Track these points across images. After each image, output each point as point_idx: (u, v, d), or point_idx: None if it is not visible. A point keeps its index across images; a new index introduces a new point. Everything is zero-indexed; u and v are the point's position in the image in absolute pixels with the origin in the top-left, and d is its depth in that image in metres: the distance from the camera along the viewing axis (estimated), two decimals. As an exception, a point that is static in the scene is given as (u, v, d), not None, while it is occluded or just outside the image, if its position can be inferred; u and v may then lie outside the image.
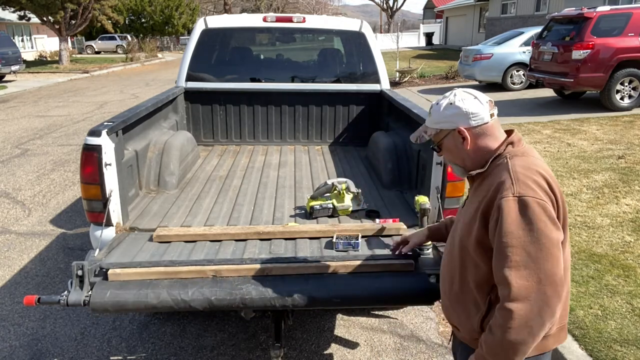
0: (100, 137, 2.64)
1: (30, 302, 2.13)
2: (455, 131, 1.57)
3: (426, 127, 1.65)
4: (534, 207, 1.38)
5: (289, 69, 5.02)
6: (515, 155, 1.51)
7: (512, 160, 1.49)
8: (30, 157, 7.88)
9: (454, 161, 1.64)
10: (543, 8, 21.30)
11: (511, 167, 1.47)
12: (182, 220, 2.94)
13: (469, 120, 1.54)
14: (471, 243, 1.51)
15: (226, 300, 2.12)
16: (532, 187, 1.41)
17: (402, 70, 16.85)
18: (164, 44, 46.43)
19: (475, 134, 1.56)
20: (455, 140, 1.58)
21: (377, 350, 3.10)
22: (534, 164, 1.48)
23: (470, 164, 1.59)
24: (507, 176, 1.44)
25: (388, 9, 49.52)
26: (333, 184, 3.02)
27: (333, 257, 2.37)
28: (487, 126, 1.56)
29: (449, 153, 1.63)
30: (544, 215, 1.38)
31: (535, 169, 1.46)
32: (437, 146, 1.66)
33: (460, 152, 1.59)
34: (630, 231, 4.40)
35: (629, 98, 9.66)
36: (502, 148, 1.54)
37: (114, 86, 17.98)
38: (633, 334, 3.00)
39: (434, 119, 1.61)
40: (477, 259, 1.51)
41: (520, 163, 1.47)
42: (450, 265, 1.65)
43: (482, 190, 1.52)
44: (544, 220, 1.38)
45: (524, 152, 1.53)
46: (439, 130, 1.60)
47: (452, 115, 1.56)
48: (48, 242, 4.78)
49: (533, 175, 1.43)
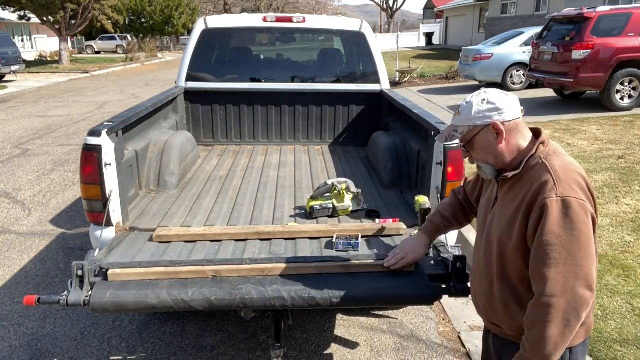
0: (100, 137, 2.64)
1: (30, 302, 2.13)
2: (489, 126, 1.57)
3: (456, 126, 1.64)
4: (576, 207, 1.42)
5: (289, 69, 5.02)
6: (549, 155, 1.54)
7: (549, 161, 1.52)
8: (30, 157, 7.88)
9: (486, 160, 1.63)
10: (543, 8, 21.29)
11: (551, 167, 1.49)
12: (182, 220, 2.94)
13: (503, 115, 1.56)
14: (512, 243, 1.54)
15: (226, 300, 2.12)
16: (573, 188, 1.45)
17: (402, 70, 16.85)
18: (164, 44, 46.43)
19: (509, 129, 1.57)
20: (489, 135, 1.59)
21: (377, 350, 3.10)
22: (571, 163, 1.52)
23: (502, 162, 1.60)
24: (548, 177, 1.47)
25: (388, 9, 49.52)
26: (333, 184, 3.02)
27: (333, 257, 2.37)
28: (519, 122, 1.59)
29: (482, 151, 1.62)
30: (585, 215, 1.43)
31: (574, 169, 1.50)
32: (469, 144, 1.65)
33: (494, 149, 1.59)
34: (630, 231, 4.39)
35: (629, 98, 9.65)
36: (535, 148, 1.56)
37: (114, 86, 17.98)
38: (633, 334, 3.00)
39: (466, 116, 1.61)
40: (518, 259, 1.54)
41: (558, 163, 1.50)
42: (487, 268, 1.67)
43: (519, 191, 1.54)
44: (584, 220, 1.43)
45: (555, 152, 1.56)
46: (473, 126, 1.60)
47: (487, 110, 1.57)
48: (48, 242, 4.78)
49: (573, 175, 1.48)
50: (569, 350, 1.57)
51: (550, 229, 1.43)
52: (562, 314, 1.41)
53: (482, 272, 1.70)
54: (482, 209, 1.78)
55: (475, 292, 1.79)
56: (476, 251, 1.79)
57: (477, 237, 1.81)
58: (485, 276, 1.68)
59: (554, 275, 1.42)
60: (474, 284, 1.81)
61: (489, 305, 1.69)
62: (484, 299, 1.72)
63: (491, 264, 1.64)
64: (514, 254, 1.55)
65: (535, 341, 1.46)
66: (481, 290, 1.73)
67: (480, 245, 1.73)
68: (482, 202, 1.81)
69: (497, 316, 1.67)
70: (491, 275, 1.65)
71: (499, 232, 1.59)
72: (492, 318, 1.71)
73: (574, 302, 1.41)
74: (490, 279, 1.66)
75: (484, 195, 1.81)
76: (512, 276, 1.58)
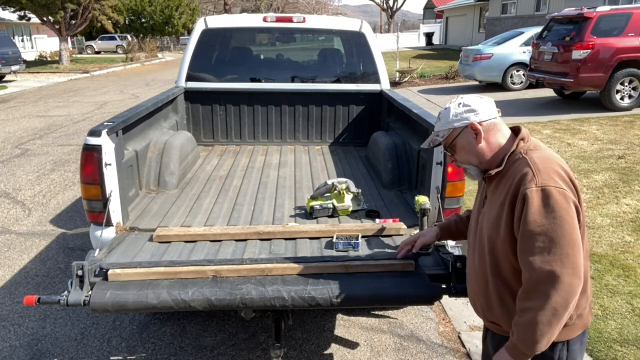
0: (100, 137, 2.64)
1: (30, 302, 2.13)
2: (467, 127, 1.64)
3: (437, 131, 1.72)
4: (556, 196, 1.45)
5: (289, 69, 5.02)
6: (529, 149, 1.59)
7: (529, 155, 1.56)
8: (30, 157, 7.88)
9: (469, 160, 1.69)
10: (543, 8, 21.29)
11: (530, 160, 1.54)
12: (182, 220, 2.94)
13: (479, 115, 1.63)
14: (500, 238, 1.57)
15: (226, 300, 2.12)
16: (552, 177, 1.48)
17: (402, 70, 16.84)
18: (164, 44, 46.43)
19: (487, 129, 1.64)
20: (468, 136, 1.66)
21: (377, 350, 3.10)
22: (550, 155, 1.57)
23: (486, 162, 1.66)
24: (528, 169, 1.51)
25: (388, 9, 49.51)
26: (333, 184, 3.02)
27: (333, 257, 2.37)
28: (497, 121, 1.65)
29: (464, 152, 1.69)
30: (566, 202, 1.45)
31: (553, 160, 1.55)
32: (451, 147, 1.72)
33: (474, 149, 1.65)
34: (630, 231, 4.39)
35: (629, 98, 9.66)
36: (515, 145, 1.61)
37: (114, 86, 17.98)
38: (633, 334, 3.00)
39: (445, 121, 1.69)
40: (508, 252, 1.57)
41: (537, 155, 1.55)
42: (481, 267, 1.69)
43: (503, 187, 1.59)
44: (566, 207, 1.45)
45: (536, 146, 1.60)
46: (452, 129, 1.67)
47: (463, 112, 1.65)
48: (48, 242, 4.78)
49: (552, 166, 1.51)
50: (567, 343, 1.58)
51: (532, 219, 1.45)
52: (549, 303, 1.43)
53: (477, 272, 1.72)
54: (474, 211, 1.81)
55: (472, 293, 1.80)
56: (470, 253, 1.81)
57: (469, 239, 1.83)
58: (480, 275, 1.70)
59: (540, 263, 1.44)
60: (470, 285, 1.83)
61: (485, 303, 1.71)
62: (480, 299, 1.74)
63: (484, 262, 1.66)
64: (503, 247, 1.57)
65: (523, 327, 1.48)
66: (477, 290, 1.74)
67: (474, 246, 1.75)
68: (474, 205, 1.84)
69: (495, 314, 1.68)
70: (485, 273, 1.67)
71: (489, 230, 1.62)
72: (489, 316, 1.72)
73: (562, 290, 1.42)
74: (484, 277, 1.68)
75: (476, 198, 1.84)
76: (505, 270, 1.60)
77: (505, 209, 1.55)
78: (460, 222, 2.08)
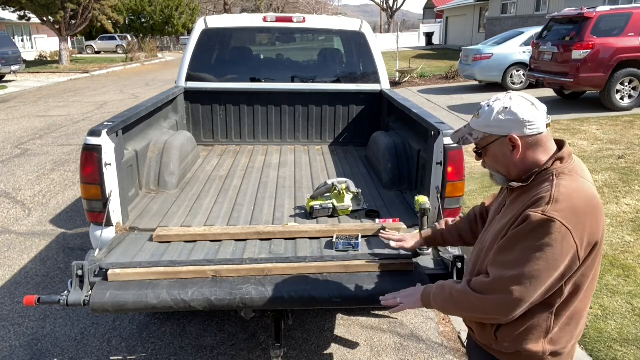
0: (100, 137, 2.64)
1: (30, 302, 2.13)
2: (506, 138, 1.45)
3: (471, 129, 1.52)
4: (555, 233, 1.32)
5: (289, 69, 5.02)
6: (563, 173, 1.41)
7: (559, 179, 1.40)
8: (30, 157, 7.88)
9: (498, 169, 1.53)
10: (543, 8, 21.29)
11: (555, 186, 1.37)
12: (182, 220, 2.94)
13: (523, 129, 1.43)
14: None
15: (226, 300, 2.12)
16: (566, 213, 1.32)
17: (402, 70, 16.85)
18: (164, 44, 46.43)
19: (527, 144, 1.45)
20: (504, 147, 1.47)
21: (377, 350, 3.10)
22: (582, 187, 1.39)
23: (516, 174, 1.50)
24: (547, 195, 1.36)
25: (388, 9, 49.51)
26: (333, 184, 3.02)
27: (333, 257, 2.37)
28: (542, 137, 1.45)
29: (494, 160, 1.53)
30: (560, 246, 1.32)
31: (582, 194, 1.37)
32: (481, 151, 1.54)
33: (507, 161, 1.49)
34: (630, 231, 4.39)
35: (629, 98, 9.66)
36: (550, 163, 1.44)
37: (114, 86, 17.98)
38: (633, 334, 3.00)
39: (483, 122, 1.49)
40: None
41: (567, 184, 1.38)
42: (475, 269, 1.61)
43: (520, 203, 1.45)
44: (558, 250, 1.32)
45: (572, 171, 1.43)
46: (488, 134, 1.49)
47: (507, 121, 1.44)
48: (48, 242, 4.78)
49: (575, 201, 1.35)
50: None
51: (517, 237, 1.37)
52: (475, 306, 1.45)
53: (469, 273, 1.66)
54: (491, 215, 1.70)
55: None
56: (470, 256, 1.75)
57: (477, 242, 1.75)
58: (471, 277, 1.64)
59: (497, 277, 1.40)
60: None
61: None
62: None
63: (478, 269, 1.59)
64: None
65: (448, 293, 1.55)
66: None
67: (473, 251, 1.69)
68: (491, 210, 1.73)
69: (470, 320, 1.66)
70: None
71: (490, 241, 1.53)
72: (466, 320, 1.71)
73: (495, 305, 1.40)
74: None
75: (495, 202, 1.73)
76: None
77: (508, 226, 1.44)
78: (447, 234, 1.99)
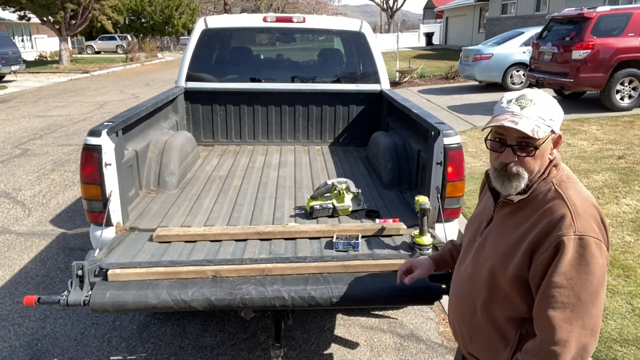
0: (100, 137, 2.64)
1: (30, 302, 2.13)
2: (555, 135, 1.40)
3: (540, 121, 1.37)
4: (593, 248, 1.29)
5: (289, 69, 5.02)
6: (563, 181, 1.39)
7: (564, 189, 1.37)
8: (30, 157, 7.88)
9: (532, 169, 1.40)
10: (543, 8, 21.29)
11: (568, 200, 1.34)
12: (182, 220, 2.94)
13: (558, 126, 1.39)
14: (507, 277, 1.40)
15: (226, 300, 2.12)
16: (592, 226, 1.32)
17: (402, 70, 16.84)
18: (164, 44, 46.41)
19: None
20: (547, 145, 1.39)
21: (377, 350, 3.10)
22: (584, 193, 1.39)
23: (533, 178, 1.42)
24: (566, 211, 1.32)
25: (388, 9, 49.50)
26: (333, 184, 3.02)
27: (333, 257, 2.37)
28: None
29: (534, 161, 1.39)
30: (601, 257, 1.31)
31: (590, 202, 1.36)
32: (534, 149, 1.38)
33: (543, 162, 1.40)
34: (630, 231, 4.39)
35: (629, 98, 9.66)
36: (547, 172, 1.41)
37: (114, 86, 17.98)
38: (633, 334, 3.00)
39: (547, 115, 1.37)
40: (511, 294, 1.41)
41: (574, 194, 1.36)
42: (471, 294, 1.52)
43: (524, 219, 1.40)
44: (600, 262, 1.30)
45: (569, 177, 1.41)
46: (551, 130, 1.37)
47: (559, 115, 1.39)
48: (48, 242, 4.78)
49: (590, 210, 1.34)
50: None
51: (562, 270, 1.29)
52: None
53: (464, 297, 1.55)
54: (473, 224, 1.61)
55: (454, 318, 1.61)
56: (458, 269, 1.62)
57: (461, 254, 1.64)
58: (467, 302, 1.53)
59: (560, 321, 1.29)
60: (452, 308, 1.63)
61: (468, 335, 1.55)
62: (463, 327, 1.57)
63: (476, 291, 1.49)
64: (508, 288, 1.40)
65: None
66: (461, 318, 1.57)
67: (465, 266, 1.56)
68: (473, 216, 1.64)
69: (477, 349, 1.54)
70: (474, 303, 1.50)
71: (493, 260, 1.43)
72: (470, 349, 1.56)
73: (577, 351, 1.30)
74: (472, 308, 1.51)
75: (477, 207, 1.66)
76: (500, 312, 1.45)
77: (523, 247, 1.36)
78: (455, 251, 1.86)
